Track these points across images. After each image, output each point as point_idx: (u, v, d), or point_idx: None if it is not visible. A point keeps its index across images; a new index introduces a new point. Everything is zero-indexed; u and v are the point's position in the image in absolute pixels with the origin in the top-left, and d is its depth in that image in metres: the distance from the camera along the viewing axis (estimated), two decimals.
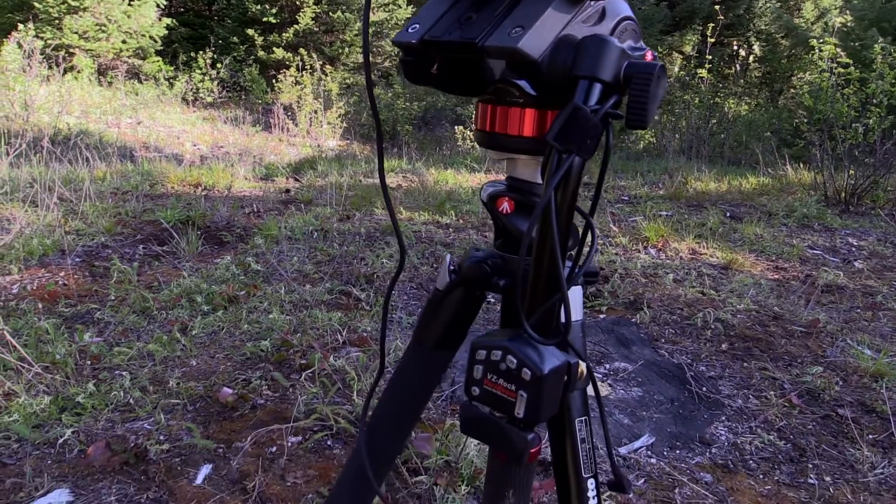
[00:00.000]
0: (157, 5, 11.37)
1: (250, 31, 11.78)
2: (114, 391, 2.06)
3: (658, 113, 9.68)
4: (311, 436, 1.88)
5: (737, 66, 12.44)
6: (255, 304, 2.80)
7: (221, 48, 12.00)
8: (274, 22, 11.88)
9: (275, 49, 11.75)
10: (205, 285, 2.94)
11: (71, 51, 10.21)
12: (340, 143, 9.34)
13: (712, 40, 11.10)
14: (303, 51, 11.09)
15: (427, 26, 0.69)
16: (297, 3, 11.80)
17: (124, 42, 10.90)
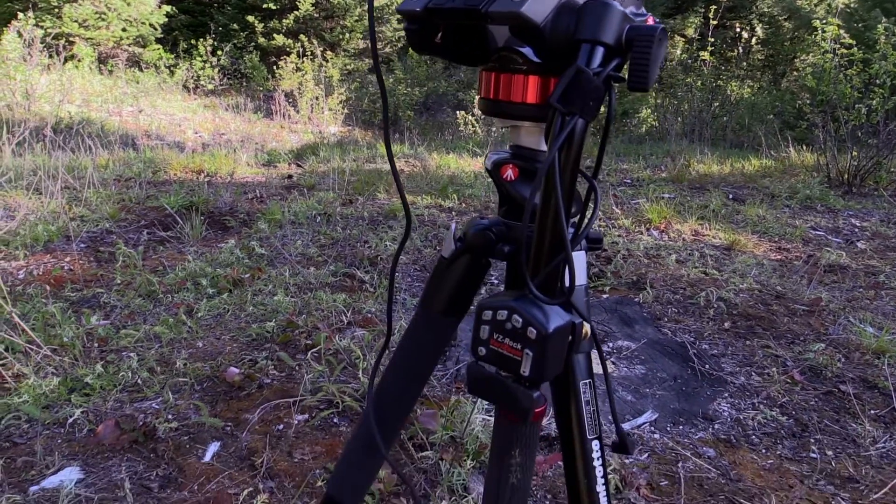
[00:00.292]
0: None
1: (250, 18, 11.72)
2: (122, 372, 2.08)
3: (660, 96, 9.65)
4: (318, 413, 1.90)
5: (739, 48, 12.37)
6: (259, 286, 2.82)
7: (222, 35, 11.96)
8: (274, 8, 11.82)
9: (275, 35, 11.70)
10: (209, 269, 2.95)
11: (71, 39, 10.18)
12: (342, 129, 9.33)
13: (714, 23, 11.05)
14: (303, 37, 11.04)
15: None
16: None
17: (124, 30, 10.87)
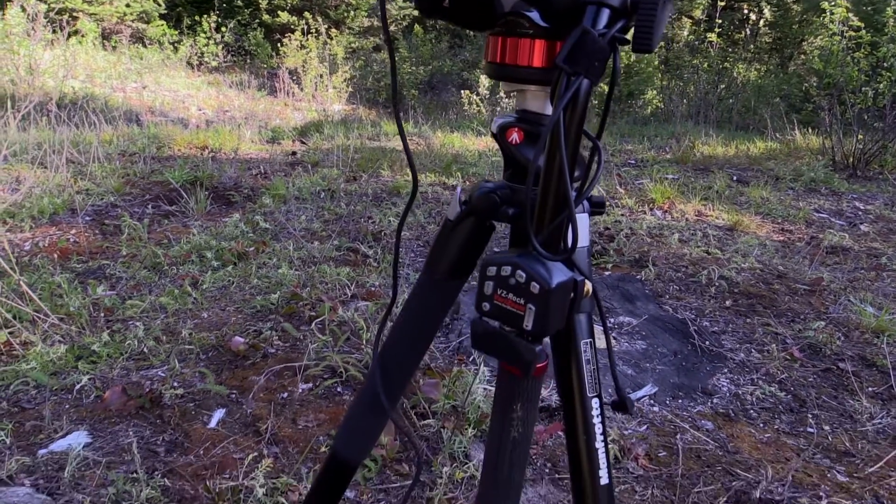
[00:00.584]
0: None
1: None
2: (128, 341, 2.11)
3: (666, 78, 9.60)
4: (321, 382, 1.92)
5: (747, 30, 12.26)
6: (264, 259, 2.84)
7: (226, 12, 11.89)
8: None
9: (279, 12, 11.63)
10: (214, 242, 2.97)
11: (74, 14, 10.14)
12: (346, 107, 9.30)
13: (722, 4, 10.94)
14: (308, 14, 10.98)
15: None
16: None
17: (128, 6, 10.81)
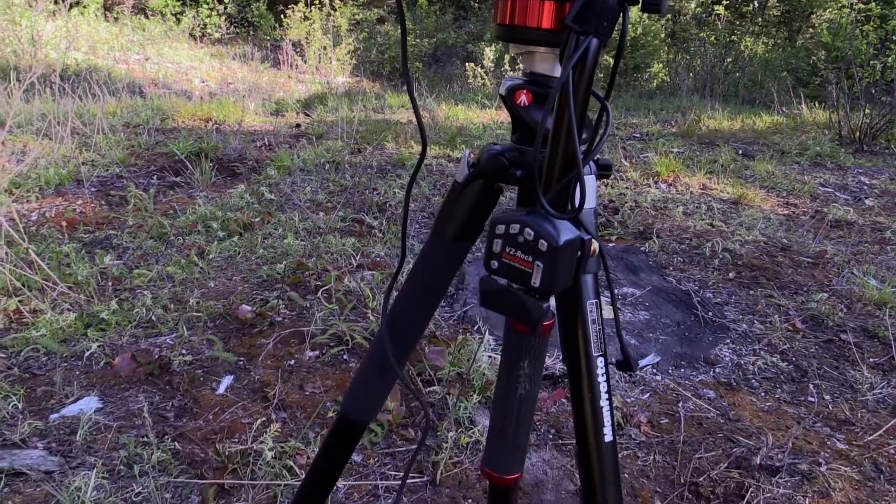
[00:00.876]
0: None
1: None
2: (136, 309, 2.13)
3: (673, 51, 9.50)
4: (328, 350, 1.95)
5: (755, 3, 12.11)
6: (269, 230, 2.85)
7: None
8: None
9: None
10: (220, 213, 2.99)
11: None
12: (350, 79, 9.25)
13: None
14: None
15: None
16: None
17: None
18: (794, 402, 1.89)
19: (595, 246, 0.70)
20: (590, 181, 0.79)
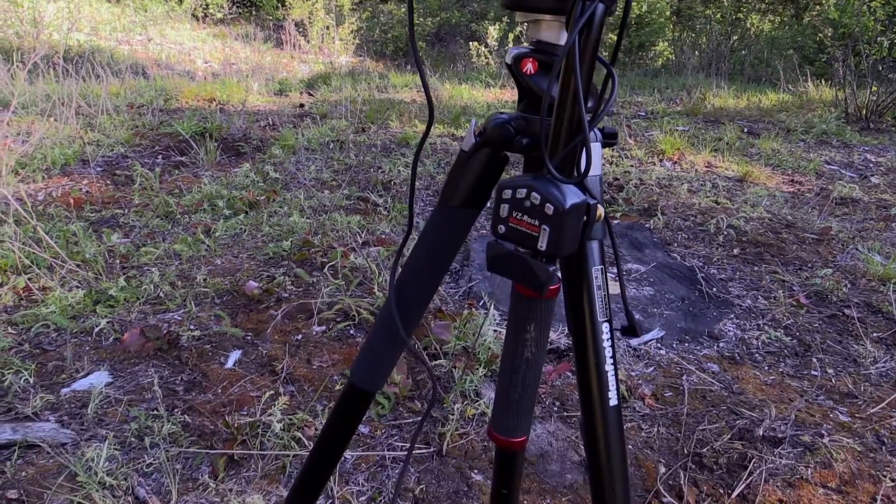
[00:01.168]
0: None
1: None
2: (144, 286, 2.15)
3: (678, 29, 9.42)
4: (335, 325, 1.97)
5: None
6: (275, 208, 2.86)
7: None
8: None
9: None
10: (225, 191, 3.00)
11: None
12: (353, 59, 9.21)
13: None
14: None
15: None
16: None
17: None
18: (797, 376, 1.91)
19: (601, 211, 0.71)
20: (595, 148, 0.79)
